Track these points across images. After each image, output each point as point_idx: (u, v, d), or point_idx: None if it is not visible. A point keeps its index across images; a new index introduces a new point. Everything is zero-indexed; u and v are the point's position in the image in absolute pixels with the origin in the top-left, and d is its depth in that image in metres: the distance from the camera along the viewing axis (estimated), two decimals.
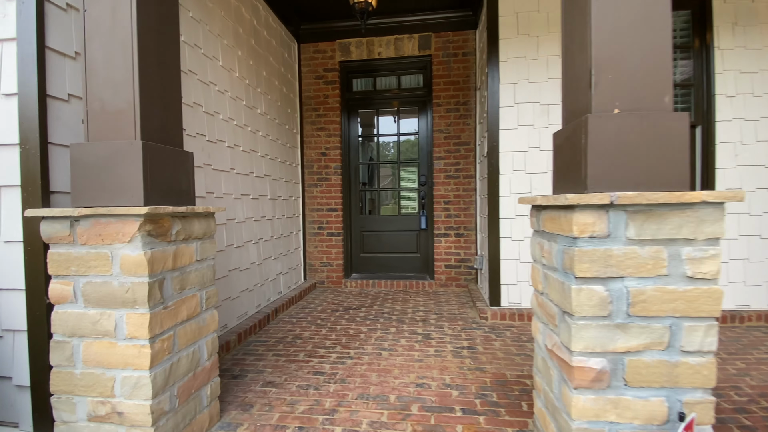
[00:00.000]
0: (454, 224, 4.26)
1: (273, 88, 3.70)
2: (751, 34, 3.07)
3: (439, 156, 4.27)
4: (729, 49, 3.10)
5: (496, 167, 3.27)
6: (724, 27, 3.09)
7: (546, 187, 3.26)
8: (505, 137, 3.28)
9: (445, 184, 4.26)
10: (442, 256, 4.28)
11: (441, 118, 4.25)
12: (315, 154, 4.43)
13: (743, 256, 3.11)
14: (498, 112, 3.26)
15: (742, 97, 3.10)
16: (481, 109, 3.82)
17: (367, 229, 4.59)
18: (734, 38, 3.09)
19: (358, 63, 4.43)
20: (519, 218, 3.29)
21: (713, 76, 3.10)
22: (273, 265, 3.58)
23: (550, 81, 3.24)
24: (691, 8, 3.20)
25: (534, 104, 3.25)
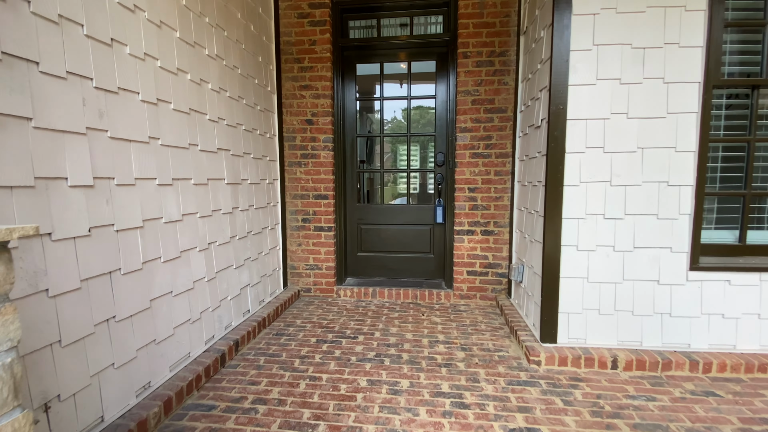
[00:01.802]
0: (481, 219, 3.23)
1: (233, 21, 2.56)
2: None
3: (464, 127, 3.18)
4: None
5: (560, 142, 2.21)
6: None
7: (634, 174, 2.20)
8: (577, 97, 2.20)
9: (470, 165, 3.20)
10: (464, 259, 3.27)
11: (468, 74, 3.13)
12: (298, 121, 3.32)
13: None
14: (567, 58, 2.16)
15: None
16: (530, 61, 2.71)
17: (367, 222, 3.56)
18: None
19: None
20: (590, 218, 2.25)
21: None
22: (234, 276, 2.56)
23: (650, 10, 2.12)
24: None
25: (623, 47, 2.15)
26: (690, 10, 2.10)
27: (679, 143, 2.17)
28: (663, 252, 2.23)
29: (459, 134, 3.19)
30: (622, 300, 2.27)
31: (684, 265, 2.23)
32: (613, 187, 2.22)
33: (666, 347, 2.26)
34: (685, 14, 2.10)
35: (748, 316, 2.22)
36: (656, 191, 2.20)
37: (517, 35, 3.02)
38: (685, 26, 2.11)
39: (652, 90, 2.15)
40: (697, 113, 2.14)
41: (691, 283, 2.23)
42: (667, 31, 2.11)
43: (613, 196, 2.22)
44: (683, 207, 2.20)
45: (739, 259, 2.26)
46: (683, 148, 2.17)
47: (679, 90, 2.14)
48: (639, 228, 2.23)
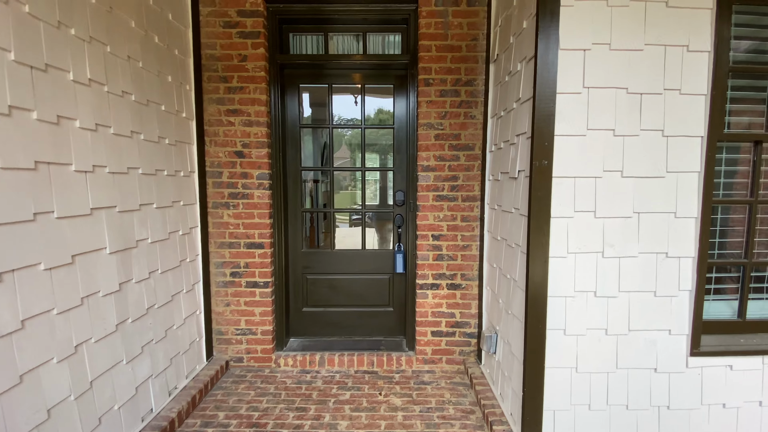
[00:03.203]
0: (446, 270, 2.78)
1: (122, 31, 1.91)
2: None
3: (427, 166, 2.71)
4: None
5: (545, 204, 1.78)
6: None
7: (629, 244, 1.83)
8: (564, 150, 1.79)
9: (435, 209, 2.74)
10: (428, 317, 2.80)
11: (431, 105, 2.67)
12: (225, 153, 2.69)
13: None
14: (553, 102, 1.74)
15: None
16: (502, 95, 2.29)
17: (315, 271, 2.99)
18: None
19: (300, 7, 2.69)
20: (580, 295, 1.85)
21: None
22: (125, 375, 1.90)
23: (648, 49, 1.76)
24: None
25: (618, 91, 1.77)
26: (693, 51, 1.76)
27: (679, 208, 1.82)
28: (661, 335, 1.88)
29: (421, 173, 2.72)
30: (615, 392, 1.89)
31: (684, 350, 1.89)
32: (606, 258, 1.84)
33: None
34: (688, 55, 1.76)
35: (749, 404, 1.93)
36: (654, 264, 1.85)
37: (486, 62, 2.61)
38: (687, 70, 1.77)
39: (650, 144, 1.79)
40: (700, 172, 1.81)
41: (691, 370, 1.90)
42: (668, 74, 1.76)
43: (606, 269, 1.84)
44: (683, 282, 1.86)
45: (740, 338, 1.96)
46: (684, 214, 1.83)
47: (680, 144, 1.80)
48: (634, 307, 1.86)
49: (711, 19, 1.75)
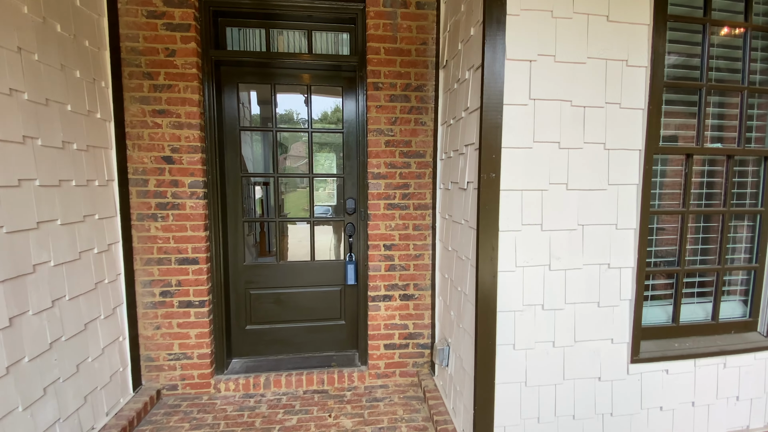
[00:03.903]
0: (399, 281, 2.69)
1: (10, 18, 1.60)
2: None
3: (378, 173, 2.60)
4: None
5: (493, 218, 1.74)
6: None
7: (575, 256, 1.84)
8: (512, 162, 1.75)
9: (386, 218, 2.64)
10: (380, 330, 2.70)
11: (381, 110, 2.56)
12: (151, 159, 2.40)
13: None
14: (500, 113, 1.70)
15: None
16: (451, 103, 2.24)
17: (259, 286, 2.78)
18: None
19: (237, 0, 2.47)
20: (528, 309, 1.83)
21: None
22: (20, 425, 1.60)
23: (591, 62, 1.77)
24: None
25: (562, 104, 1.76)
26: (631, 66, 1.79)
27: (620, 219, 1.86)
28: (604, 344, 1.91)
29: (372, 181, 2.60)
30: (562, 403, 1.90)
31: (625, 358, 1.94)
32: (553, 271, 1.83)
33: None
34: (627, 70, 1.79)
35: (683, 405, 2.02)
36: (597, 275, 1.87)
37: (436, 68, 2.55)
38: (626, 84, 1.80)
39: (593, 157, 1.80)
40: (638, 185, 1.86)
41: (632, 377, 1.95)
42: (609, 88, 1.78)
43: (553, 282, 1.83)
44: (624, 292, 1.90)
45: (674, 342, 2.05)
46: (624, 225, 1.87)
47: (621, 157, 1.83)
48: (580, 318, 1.88)
49: (648, 34, 1.79)
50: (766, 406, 2.11)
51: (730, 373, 2.04)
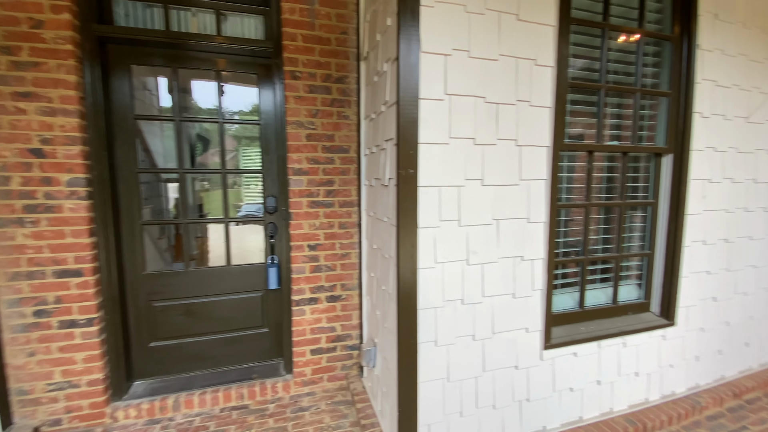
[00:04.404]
0: (325, 282, 2.56)
1: None
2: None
3: (299, 169, 2.44)
4: (708, 51, 2.24)
5: (412, 214, 1.70)
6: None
7: (491, 251, 1.87)
8: (429, 158, 1.72)
9: (310, 217, 2.49)
10: (306, 336, 2.55)
11: (300, 101, 2.40)
12: (14, 152, 1.98)
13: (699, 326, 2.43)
14: (417, 108, 1.65)
15: (717, 119, 2.32)
16: (373, 96, 2.16)
17: (165, 297, 2.46)
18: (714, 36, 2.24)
19: None
20: (449, 305, 1.83)
21: (693, 86, 2.21)
22: None
23: (503, 60, 1.79)
24: None
25: (477, 100, 1.77)
26: (540, 65, 1.85)
27: (531, 213, 1.93)
28: (520, 334, 1.98)
29: (293, 177, 2.43)
30: (483, 395, 1.94)
31: (538, 345, 2.03)
32: (471, 266, 1.84)
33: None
34: (536, 69, 1.85)
35: (590, 384, 2.18)
36: (512, 268, 1.93)
37: (358, 59, 2.45)
38: (536, 83, 1.86)
39: (506, 153, 1.84)
40: (547, 180, 1.94)
41: (545, 362, 2.05)
42: (520, 86, 1.83)
43: (471, 277, 1.85)
44: (536, 282, 1.99)
45: (581, 327, 2.20)
46: (535, 219, 1.94)
47: (531, 154, 1.89)
48: (497, 310, 1.92)
49: (554, 36, 1.86)
50: (661, 380, 2.36)
51: (630, 351, 2.24)
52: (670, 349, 2.36)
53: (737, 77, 2.33)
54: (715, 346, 2.50)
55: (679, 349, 2.39)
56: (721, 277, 2.46)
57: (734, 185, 2.41)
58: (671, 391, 2.40)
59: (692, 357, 2.43)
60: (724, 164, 2.36)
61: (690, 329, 2.40)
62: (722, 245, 2.44)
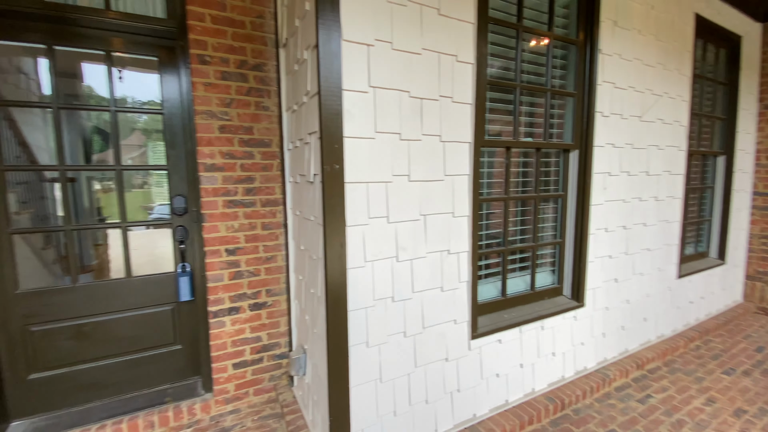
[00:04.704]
0: (248, 289, 2.36)
1: None
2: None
3: (212, 164, 2.21)
4: (608, 55, 2.47)
5: (339, 212, 1.61)
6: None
7: (419, 246, 1.86)
8: (355, 153, 1.64)
9: (227, 217, 2.27)
10: (227, 349, 2.33)
11: (211, 89, 2.17)
12: None
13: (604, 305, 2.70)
14: (340, 99, 1.56)
15: (615, 118, 2.58)
16: (294, 86, 2.02)
17: (48, 319, 2.06)
18: (613, 41, 2.48)
19: None
20: (380, 303, 1.78)
21: (595, 87, 2.42)
22: None
23: (426, 54, 1.78)
24: None
25: (401, 94, 1.73)
26: (461, 62, 1.88)
27: (456, 208, 1.96)
28: (448, 326, 2.01)
29: (205, 174, 2.19)
30: (416, 391, 1.93)
31: (466, 335, 2.08)
32: (400, 263, 1.81)
33: (457, 426, 2.08)
34: (457, 65, 1.87)
35: (514, 368, 2.30)
36: (439, 262, 1.94)
37: (276, 46, 2.28)
38: (457, 79, 1.87)
39: (431, 149, 1.84)
40: (470, 175, 1.98)
41: (473, 352, 2.11)
42: (442, 81, 1.83)
43: (401, 273, 1.82)
44: (462, 275, 2.03)
45: (504, 314, 2.31)
46: (460, 213, 1.97)
47: (455, 149, 1.91)
48: (427, 305, 1.92)
49: (473, 33, 1.90)
50: (574, 357, 2.58)
51: (547, 334, 2.41)
52: (581, 328, 2.59)
53: (633, 80, 2.62)
54: (618, 323, 2.81)
55: (588, 328, 2.63)
56: (621, 261, 2.76)
57: (630, 178, 2.72)
58: (583, 366, 2.64)
59: (600, 334, 2.70)
60: (621, 159, 2.64)
61: (597, 309, 2.66)
62: (621, 232, 2.74)
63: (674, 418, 2.26)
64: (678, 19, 2.86)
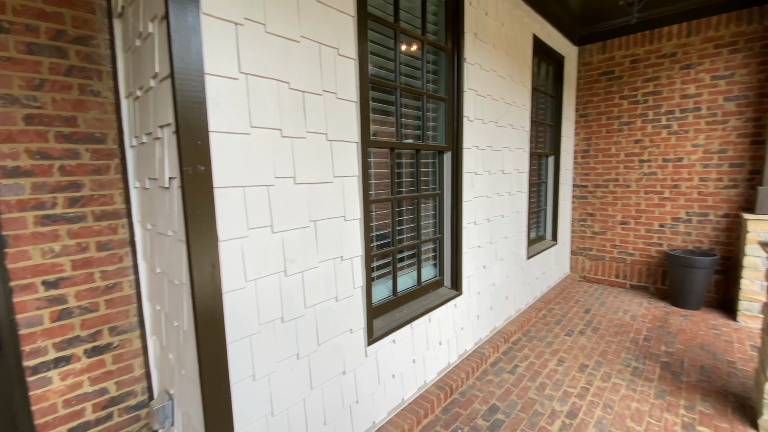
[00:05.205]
0: (82, 330, 1.80)
1: None
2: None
3: (13, 168, 1.59)
4: (471, 65, 2.70)
5: (208, 224, 1.32)
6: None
7: (310, 256, 1.69)
8: (226, 151, 1.37)
9: (42, 239, 1.68)
10: (59, 411, 1.73)
11: (12, 65, 1.56)
12: None
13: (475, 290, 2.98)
14: (202, 85, 1.28)
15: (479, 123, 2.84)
16: (136, 67, 1.60)
17: None
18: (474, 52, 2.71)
19: None
20: (266, 327, 1.55)
21: (463, 93, 2.61)
22: None
23: (305, 42, 1.61)
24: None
25: (280, 85, 1.53)
26: (343, 56, 1.77)
27: (347, 211, 1.85)
28: (345, 337, 1.90)
29: (4, 181, 1.57)
30: (313, 415, 1.76)
31: (363, 343, 2.01)
32: (290, 277, 1.61)
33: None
34: (339, 59, 1.75)
35: (407, 365, 2.33)
36: (333, 270, 1.81)
37: (110, 16, 1.78)
38: (340, 74, 1.76)
39: (318, 148, 1.69)
40: (359, 176, 1.90)
41: (369, 358, 2.05)
42: (325, 75, 1.69)
43: (291, 288, 1.62)
44: (357, 280, 1.94)
45: (396, 313, 2.32)
46: (351, 216, 1.88)
47: (343, 149, 1.80)
48: (321, 319, 1.77)
49: (354, 27, 1.81)
50: (457, 342, 2.77)
51: (434, 325, 2.52)
52: (461, 314, 2.80)
53: (490, 89, 2.93)
54: (488, 304, 3.15)
55: (465, 313, 2.87)
56: (487, 249, 3.09)
57: (491, 176, 3.06)
58: (464, 349, 2.87)
59: (475, 317, 2.98)
60: (484, 160, 2.94)
61: (471, 294, 2.92)
62: (486, 224, 3.06)
63: (537, 382, 2.64)
64: (521, 38, 3.34)
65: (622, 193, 4.55)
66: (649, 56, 4.19)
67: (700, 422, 2.19)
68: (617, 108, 4.48)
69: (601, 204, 4.73)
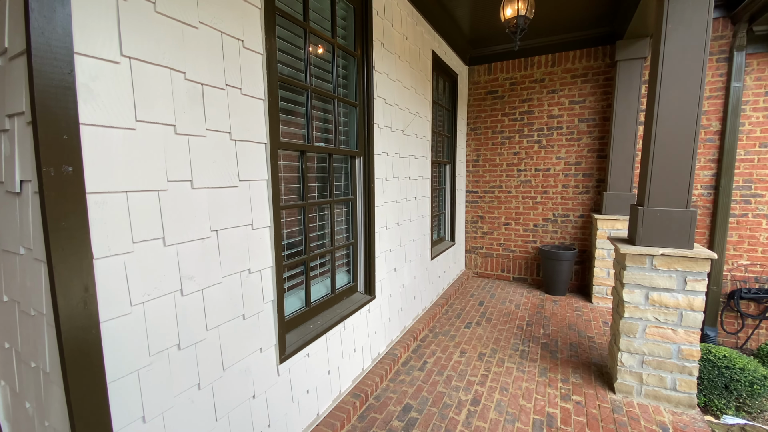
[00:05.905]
0: None
1: None
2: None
3: None
4: (380, 73, 2.74)
5: (77, 237, 1.06)
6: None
7: (211, 271, 1.50)
8: (101, 148, 1.13)
9: None
10: None
11: None
12: None
13: None
14: (70, 66, 1.03)
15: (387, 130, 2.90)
16: None
17: None
18: (382, 61, 2.77)
19: None
20: (158, 359, 1.32)
21: (372, 100, 2.64)
22: None
23: (204, 30, 1.43)
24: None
25: (174, 74, 1.33)
26: (248, 49, 1.62)
27: (255, 218, 1.70)
28: (253, 357, 1.73)
29: None
30: None
31: (274, 361, 1.86)
32: (187, 296, 1.40)
33: None
34: (245, 52, 1.60)
35: (322, 378, 2.25)
36: (239, 285, 1.63)
37: None
38: (246, 68, 1.61)
39: (220, 148, 1.51)
40: (268, 180, 1.77)
41: (282, 377, 1.92)
42: (228, 68, 1.53)
43: (189, 310, 1.41)
44: (267, 294, 1.79)
45: (310, 325, 2.22)
46: (260, 224, 1.73)
47: (249, 150, 1.65)
48: (226, 341, 1.58)
49: (261, 19, 1.68)
50: (371, 347, 2.77)
51: (348, 333, 2.48)
52: (374, 318, 2.83)
53: (397, 98, 3.03)
54: (398, 306, 3.24)
55: (378, 317, 2.90)
56: (397, 252, 3.19)
57: (400, 182, 3.16)
58: (377, 353, 2.89)
59: (387, 319, 3.03)
60: (393, 166, 3.03)
61: (383, 297, 2.97)
62: (395, 228, 3.16)
63: (444, 375, 2.81)
64: (422, 53, 3.54)
65: (505, 197, 5.18)
66: (524, 80, 4.87)
67: (573, 392, 2.59)
68: (500, 124, 5.09)
69: (488, 207, 5.30)
